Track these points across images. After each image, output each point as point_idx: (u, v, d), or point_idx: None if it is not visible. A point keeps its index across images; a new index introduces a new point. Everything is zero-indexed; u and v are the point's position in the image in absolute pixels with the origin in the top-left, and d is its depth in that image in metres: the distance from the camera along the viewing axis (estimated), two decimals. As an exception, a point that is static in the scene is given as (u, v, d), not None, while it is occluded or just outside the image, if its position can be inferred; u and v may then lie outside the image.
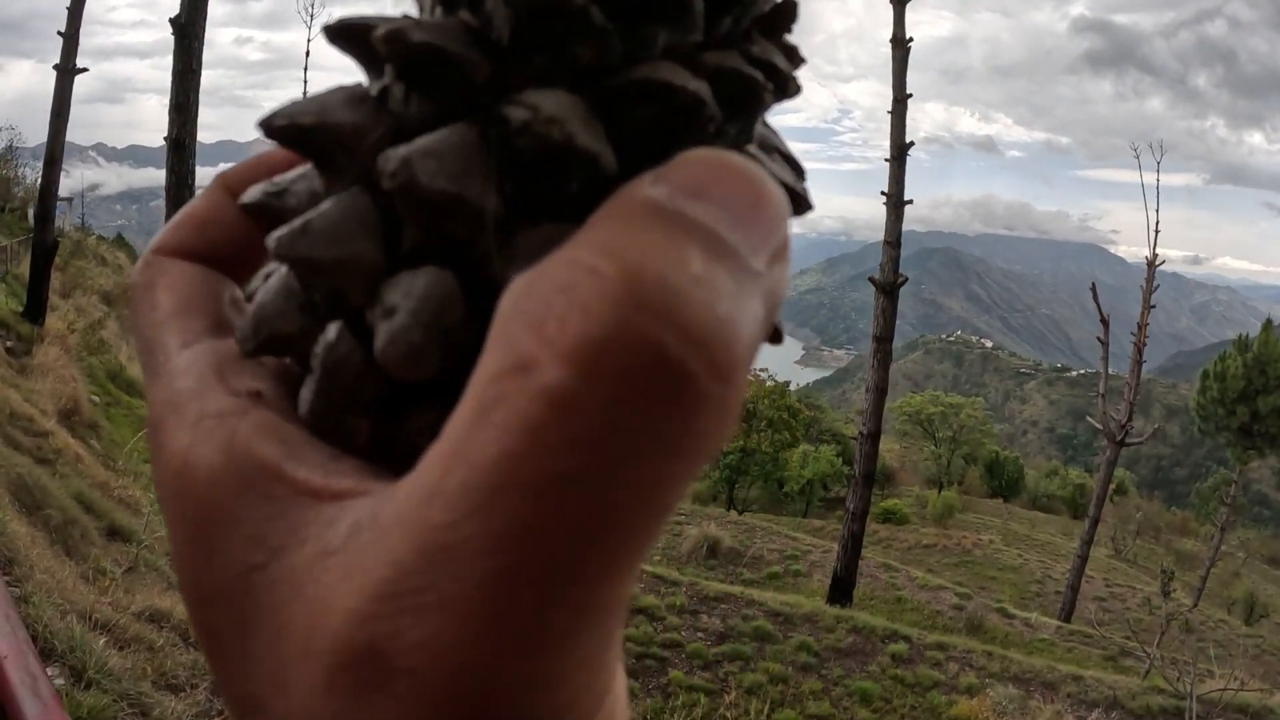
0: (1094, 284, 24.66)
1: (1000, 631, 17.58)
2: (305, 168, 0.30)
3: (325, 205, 0.27)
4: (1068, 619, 20.31)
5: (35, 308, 19.55)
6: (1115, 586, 25.55)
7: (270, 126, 0.28)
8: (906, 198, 17.59)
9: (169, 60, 12.66)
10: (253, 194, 0.31)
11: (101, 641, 5.16)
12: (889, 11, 17.62)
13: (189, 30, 12.49)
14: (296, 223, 0.27)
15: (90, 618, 5.50)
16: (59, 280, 23.36)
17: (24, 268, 23.84)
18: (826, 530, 28.89)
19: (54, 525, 7.52)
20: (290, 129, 0.28)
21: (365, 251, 0.27)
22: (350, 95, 0.28)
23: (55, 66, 19.02)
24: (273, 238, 0.27)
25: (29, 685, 1.92)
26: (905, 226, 17.82)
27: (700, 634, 15.17)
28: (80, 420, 13.74)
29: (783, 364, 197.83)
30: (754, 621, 15.42)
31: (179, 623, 6.23)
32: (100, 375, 17.36)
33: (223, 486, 0.26)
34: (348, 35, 0.29)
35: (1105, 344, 23.26)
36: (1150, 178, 24.81)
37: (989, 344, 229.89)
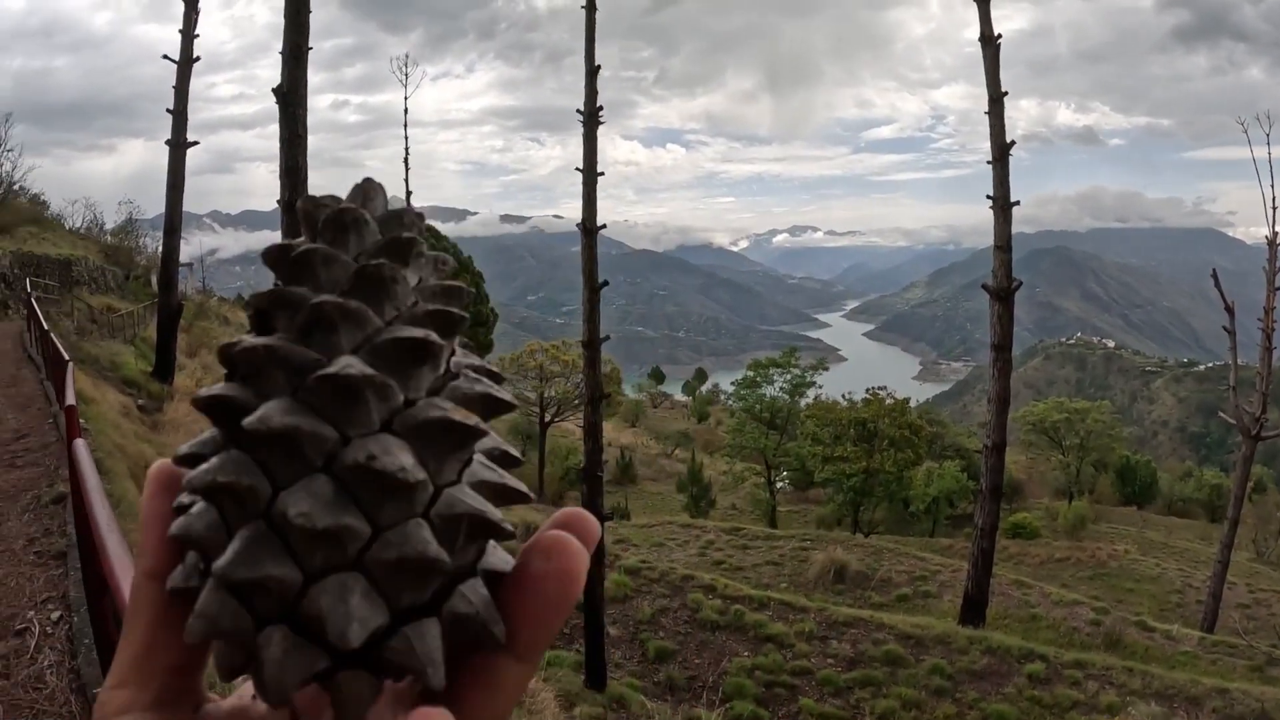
0: (1214, 270, 23.53)
1: (1140, 646, 16.94)
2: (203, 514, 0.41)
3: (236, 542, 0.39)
4: (1210, 629, 19.49)
5: (164, 367, 20.44)
6: (1259, 592, 24.44)
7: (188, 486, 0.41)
8: (1012, 199, 17.16)
9: (272, 129, 13.15)
10: (176, 578, 0.42)
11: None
12: (967, 10, 17.35)
13: (291, 98, 12.93)
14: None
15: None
16: (185, 341, 24.39)
17: (150, 331, 24.98)
18: (955, 549, 28.24)
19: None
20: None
21: (281, 572, 0.38)
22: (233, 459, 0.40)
23: (167, 142, 19.99)
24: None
25: None
26: (1014, 228, 17.46)
27: (830, 660, 14.94)
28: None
29: (900, 380, 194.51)
30: (885, 646, 15.15)
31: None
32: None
33: None
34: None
35: (1232, 333, 22.25)
36: (1261, 152, 23.60)
37: (1110, 344, 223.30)
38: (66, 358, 11.02)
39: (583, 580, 0.43)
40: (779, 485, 46.88)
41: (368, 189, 0.46)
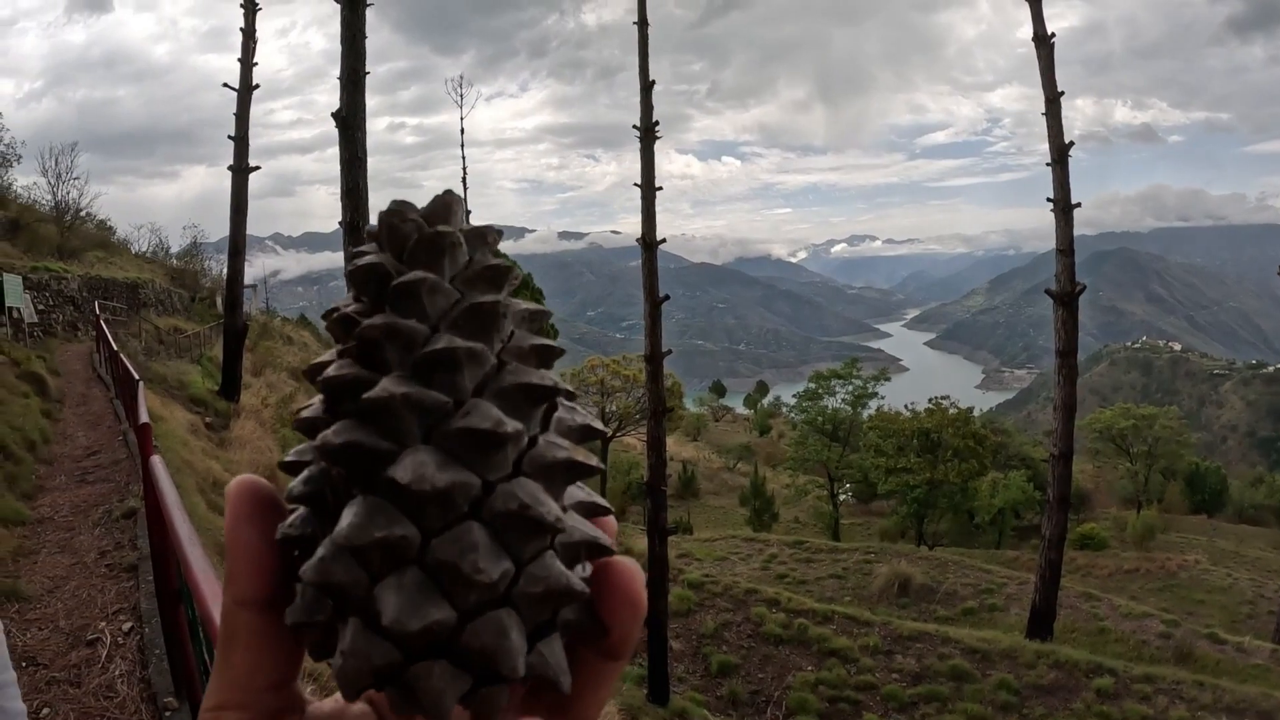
0: (1280, 268, 22.90)
1: (1211, 659, 16.60)
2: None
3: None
4: (1282, 640, 18.87)
5: (230, 386, 20.83)
6: (1334, 601, 23.52)
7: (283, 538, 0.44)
8: (1072, 200, 16.92)
9: (331, 152, 13.36)
10: (298, 613, 0.43)
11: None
12: (1018, 10, 17.24)
13: (351, 122, 13.14)
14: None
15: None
16: (250, 360, 24.85)
17: (216, 350, 25.49)
18: (1022, 561, 27.81)
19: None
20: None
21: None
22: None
23: (230, 167, 20.45)
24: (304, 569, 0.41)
25: None
26: (1075, 230, 17.24)
27: (895, 675, 14.78)
28: (279, 487, 14.42)
29: (963, 389, 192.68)
30: (950, 660, 14.98)
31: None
32: (294, 445, 18.22)
33: None
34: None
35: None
36: (1326, 144, 22.89)
37: (1177, 347, 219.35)
38: (136, 377, 11.26)
39: (644, 591, 0.46)
40: (842, 498, 46.56)
41: (450, 202, 0.46)
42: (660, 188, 14.93)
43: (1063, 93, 17.06)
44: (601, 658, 0.46)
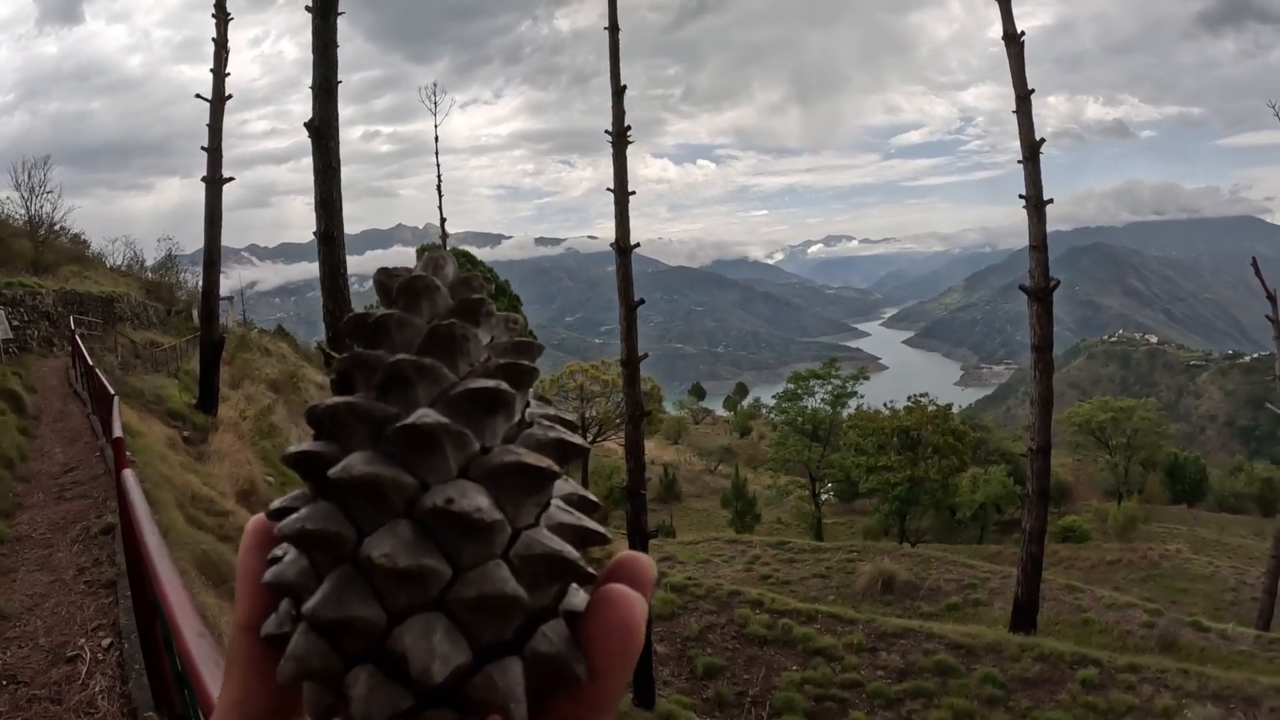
0: (1254, 259, 23.19)
1: (1195, 647, 16.76)
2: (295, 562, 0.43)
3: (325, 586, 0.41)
4: (1266, 626, 19.28)
5: (208, 399, 20.70)
6: (1317, 585, 23.77)
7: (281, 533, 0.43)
8: (1046, 197, 17.07)
9: (306, 162, 13.24)
10: (269, 625, 0.44)
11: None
12: (989, 10, 17.39)
13: (324, 131, 13.07)
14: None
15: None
16: (228, 372, 24.70)
17: (193, 364, 25.34)
18: (1004, 555, 27.99)
19: (239, 601, 7.84)
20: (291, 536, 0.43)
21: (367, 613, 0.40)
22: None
23: (204, 179, 20.33)
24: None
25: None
26: (1050, 226, 17.33)
27: (880, 672, 14.82)
28: (258, 500, 14.36)
29: (942, 387, 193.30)
30: (935, 656, 15.04)
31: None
32: (273, 457, 18.16)
33: None
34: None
35: (1276, 321, 21.90)
36: (1296, 134, 23.26)
37: (1154, 339, 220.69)
38: (112, 392, 11.19)
39: (642, 631, 0.44)
40: (824, 497, 46.70)
41: (437, 258, 0.48)
42: (634, 192, 14.94)
43: (1033, 90, 17.19)
44: (581, 709, 0.44)
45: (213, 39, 20.46)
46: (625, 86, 15.15)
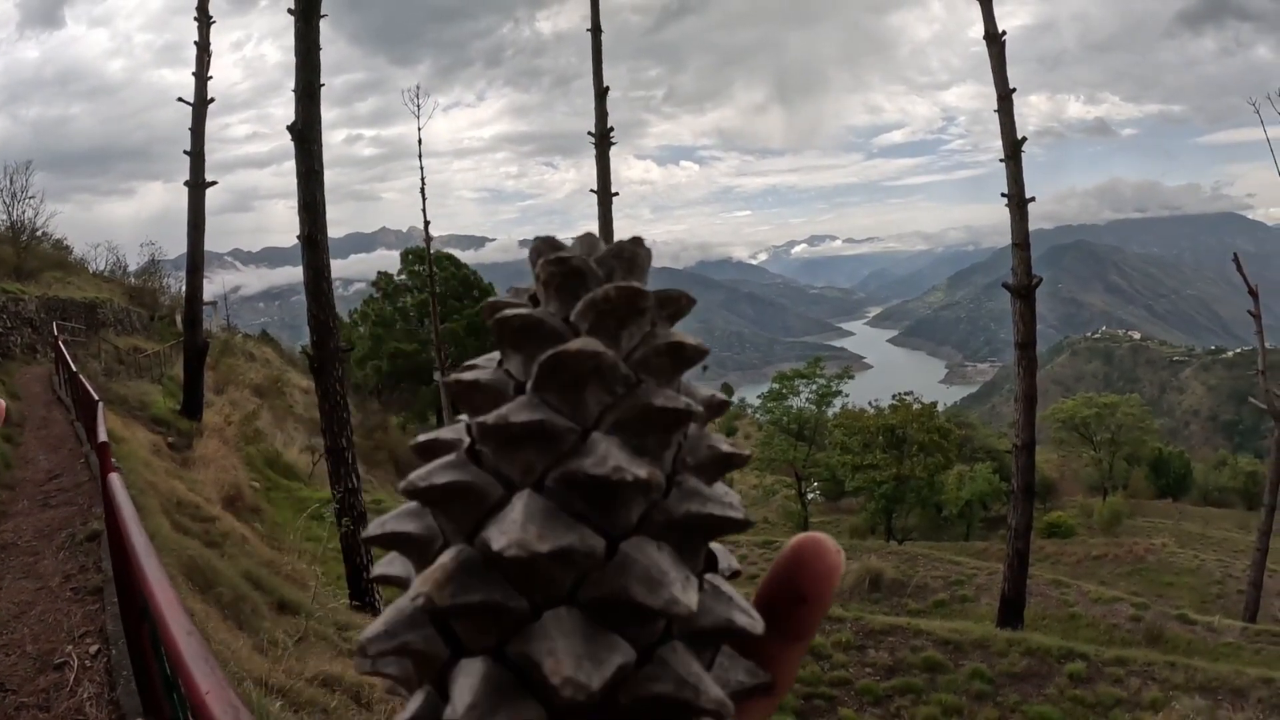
0: (1236, 254, 23.31)
1: (1182, 640, 16.81)
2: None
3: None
4: (1253, 619, 19.38)
5: (192, 404, 20.62)
6: (1301, 578, 23.98)
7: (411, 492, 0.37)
8: (1028, 195, 17.13)
9: (289, 166, 13.25)
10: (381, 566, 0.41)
11: (278, 705, 5.30)
12: (970, 10, 17.42)
13: (307, 135, 13.06)
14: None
15: (266, 684, 5.69)
16: (212, 378, 24.61)
17: (177, 369, 25.22)
18: (991, 551, 28.06)
19: (225, 602, 7.85)
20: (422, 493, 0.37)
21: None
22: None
23: (186, 183, 20.25)
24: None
25: (231, 715, 2.02)
26: (1033, 225, 17.38)
27: (869, 669, 14.83)
28: (244, 504, 14.32)
29: (927, 385, 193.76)
30: (923, 652, 15.05)
31: (350, 685, 6.40)
32: (259, 462, 18.10)
33: None
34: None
35: (1257, 316, 21.99)
36: (1275, 132, 23.33)
37: (1137, 335, 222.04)
38: (96, 398, 11.14)
39: (841, 563, 0.44)
40: (810, 496, 46.74)
41: (632, 251, 0.45)
42: (617, 193, 14.98)
43: (1015, 89, 17.24)
44: (787, 640, 0.44)
45: (195, 42, 20.40)
46: (608, 88, 15.17)
